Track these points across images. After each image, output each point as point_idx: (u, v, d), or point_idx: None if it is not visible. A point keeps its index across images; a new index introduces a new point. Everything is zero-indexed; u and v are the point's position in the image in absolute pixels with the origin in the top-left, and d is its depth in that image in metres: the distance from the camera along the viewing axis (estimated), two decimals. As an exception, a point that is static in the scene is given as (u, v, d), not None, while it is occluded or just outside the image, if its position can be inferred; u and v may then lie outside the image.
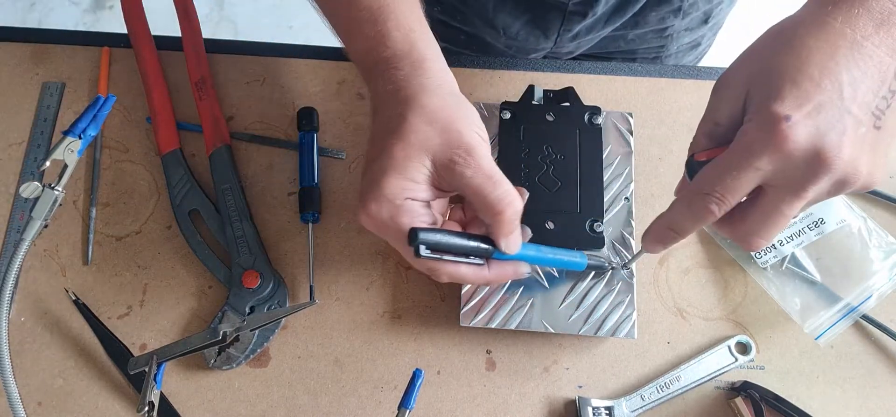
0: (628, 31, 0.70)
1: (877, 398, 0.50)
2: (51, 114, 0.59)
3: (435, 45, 0.44)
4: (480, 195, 0.40)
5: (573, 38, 0.67)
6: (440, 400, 0.51)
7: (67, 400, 0.50)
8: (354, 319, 0.53)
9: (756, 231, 0.38)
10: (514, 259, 0.43)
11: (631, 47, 0.73)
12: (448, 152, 0.40)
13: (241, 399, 0.51)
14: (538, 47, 0.69)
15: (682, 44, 0.74)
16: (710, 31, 0.75)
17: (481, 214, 0.41)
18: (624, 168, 0.54)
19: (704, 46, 0.78)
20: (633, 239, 0.52)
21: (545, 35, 0.66)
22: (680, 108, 0.59)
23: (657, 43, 0.73)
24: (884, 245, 0.52)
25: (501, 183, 0.40)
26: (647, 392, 0.50)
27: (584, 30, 0.66)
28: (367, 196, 0.40)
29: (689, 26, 0.71)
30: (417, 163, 0.40)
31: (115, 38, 0.62)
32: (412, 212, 0.40)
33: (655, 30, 0.70)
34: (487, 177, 0.40)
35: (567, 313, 0.49)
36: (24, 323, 0.52)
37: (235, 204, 0.54)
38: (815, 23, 0.36)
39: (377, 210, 0.40)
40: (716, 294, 0.53)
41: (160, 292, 0.53)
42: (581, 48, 0.72)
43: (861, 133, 0.34)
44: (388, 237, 0.42)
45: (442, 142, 0.40)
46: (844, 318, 0.51)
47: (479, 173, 0.40)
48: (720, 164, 0.37)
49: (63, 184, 0.51)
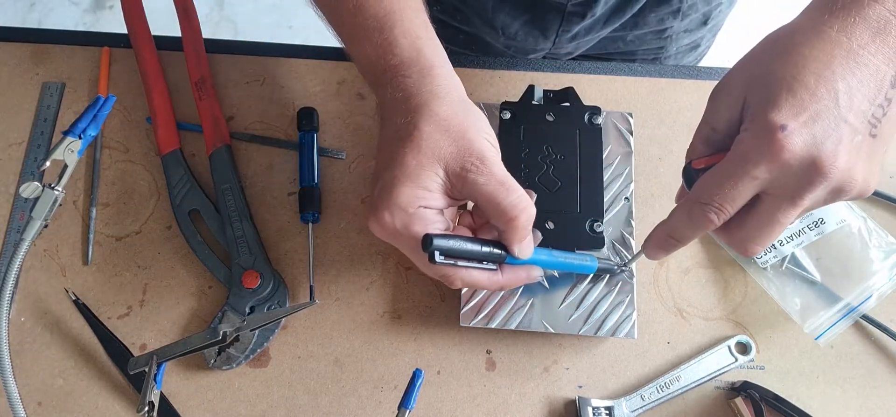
0: (628, 33, 0.70)
1: (877, 398, 0.50)
2: (51, 114, 0.59)
3: (442, 50, 0.44)
4: (493, 202, 0.40)
5: (572, 39, 0.67)
6: (440, 400, 0.51)
7: (67, 400, 0.50)
8: (354, 319, 0.53)
9: (753, 237, 0.38)
10: (527, 263, 0.43)
11: (630, 48, 0.73)
12: (461, 160, 0.40)
13: (241, 399, 0.51)
14: (537, 47, 0.69)
15: (681, 45, 0.74)
16: (709, 32, 0.75)
17: (494, 220, 0.41)
18: (624, 168, 0.54)
19: (704, 48, 0.78)
20: (633, 239, 0.52)
21: (544, 35, 0.66)
22: (680, 108, 0.59)
23: (656, 44, 0.73)
24: (884, 245, 0.52)
25: (514, 189, 0.40)
26: (647, 392, 0.50)
27: (583, 31, 0.66)
28: (380, 205, 0.40)
29: (689, 28, 0.71)
30: (430, 172, 0.40)
31: (115, 38, 0.62)
32: (425, 220, 0.40)
33: (654, 31, 0.70)
34: (500, 183, 0.40)
35: (567, 313, 0.49)
36: (24, 323, 0.52)
37: (235, 204, 0.54)
38: (811, 30, 0.36)
39: (390, 219, 0.40)
40: (716, 294, 0.53)
41: (160, 292, 0.53)
42: (580, 49, 0.72)
43: (857, 141, 0.35)
44: (400, 245, 0.42)
45: (455, 151, 0.40)
46: (844, 318, 0.51)
47: (491, 180, 0.40)
48: (718, 173, 0.37)
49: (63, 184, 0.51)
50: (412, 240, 0.40)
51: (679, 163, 0.56)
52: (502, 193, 0.40)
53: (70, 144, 0.51)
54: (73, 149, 0.51)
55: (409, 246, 0.41)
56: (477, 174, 0.40)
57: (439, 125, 0.40)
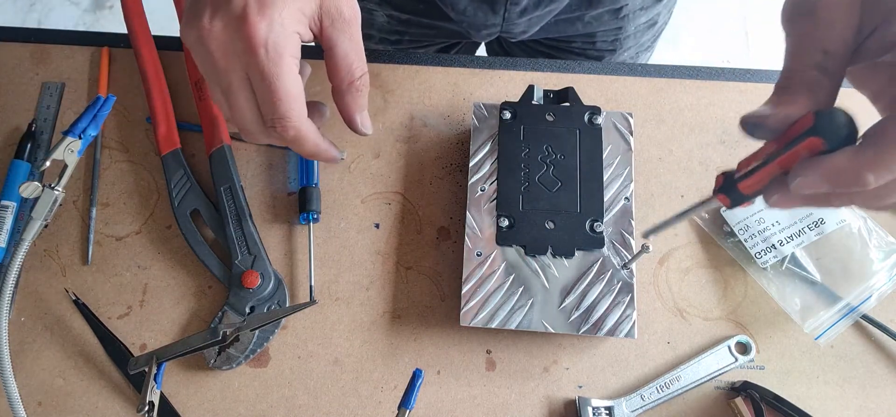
0: (584, 12, 0.70)
1: (877, 398, 0.50)
2: (51, 114, 0.59)
3: None
4: (350, 58, 0.41)
5: (522, 13, 0.67)
6: (440, 400, 0.51)
7: (67, 400, 0.50)
8: (354, 319, 0.53)
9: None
10: None
11: (589, 30, 0.73)
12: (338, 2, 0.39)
13: (241, 399, 0.51)
14: (488, 23, 0.69)
15: (639, 24, 0.74)
16: (664, 8, 0.75)
17: (338, 79, 0.42)
18: (624, 168, 0.54)
19: (661, 24, 0.78)
20: (633, 239, 0.52)
21: (492, 10, 0.66)
22: (680, 108, 0.59)
23: (614, 24, 0.73)
24: (884, 245, 0.52)
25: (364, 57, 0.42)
26: (647, 392, 0.50)
27: (532, 4, 0.66)
28: (251, 8, 0.37)
29: (644, 4, 0.72)
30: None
31: (115, 38, 0.62)
32: (296, 53, 0.39)
33: (610, 10, 0.70)
34: (360, 44, 0.40)
35: (567, 313, 0.49)
36: (24, 323, 0.52)
37: (235, 204, 0.54)
38: None
39: (265, 31, 0.37)
40: (716, 294, 0.53)
41: (160, 292, 0.53)
42: (534, 27, 0.71)
43: None
44: (248, 69, 0.38)
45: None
46: (844, 318, 0.51)
47: (357, 35, 0.40)
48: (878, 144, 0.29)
49: (63, 184, 0.51)
50: (275, 68, 0.37)
51: (679, 163, 0.57)
52: (360, 53, 0.40)
53: (70, 144, 0.51)
54: (73, 149, 0.51)
55: (268, 72, 0.38)
56: (351, 23, 0.39)
57: None
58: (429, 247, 0.54)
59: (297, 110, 0.39)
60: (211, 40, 0.38)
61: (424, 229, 0.55)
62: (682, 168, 0.57)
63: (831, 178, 0.30)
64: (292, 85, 0.39)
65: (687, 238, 0.55)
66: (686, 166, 0.57)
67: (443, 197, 0.56)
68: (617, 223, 0.52)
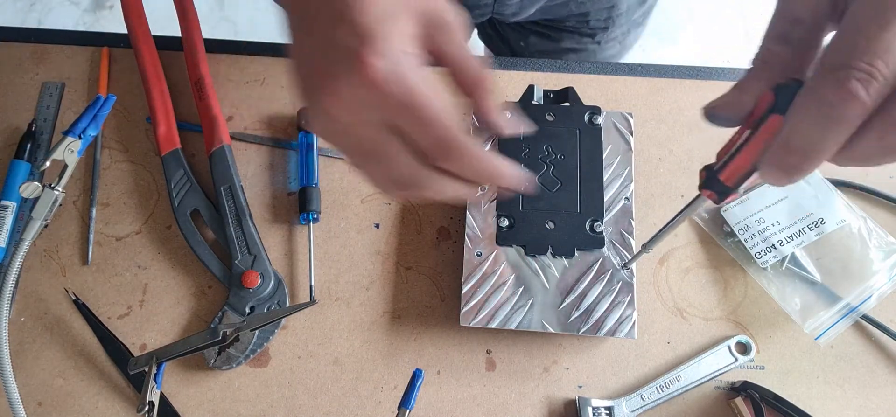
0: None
1: (877, 398, 0.50)
2: (51, 115, 0.59)
3: None
4: (468, 60, 0.34)
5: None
6: (440, 400, 0.51)
7: (67, 400, 0.50)
8: (354, 319, 0.53)
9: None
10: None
11: (582, 10, 0.73)
12: (439, 8, 0.32)
13: (241, 399, 0.51)
14: (480, 3, 0.68)
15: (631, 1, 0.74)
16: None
17: (464, 84, 0.35)
18: (624, 168, 0.54)
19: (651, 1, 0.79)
20: (633, 239, 0.52)
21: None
22: (680, 108, 0.59)
23: (607, 3, 0.73)
24: (884, 245, 0.52)
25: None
26: (647, 392, 0.50)
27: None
28: (367, 48, 0.28)
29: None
30: (408, 16, 0.31)
31: (115, 38, 0.62)
32: (423, 68, 0.31)
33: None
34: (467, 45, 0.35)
35: (567, 313, 0.49)
36: (24, 323, 0.52)
37: (235, 204, 0.54)
38: None
39: (389, 65, 0.29)
40: (716, 294, 0.53)
41: (160, 292, 0.53)
42: (527, 9, 0.71)
43: None
44: (395, 112, 0.30)
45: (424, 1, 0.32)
46: (844, 318, 0.51)
47: (465, 38, 0.34)
48: (851, 26, 0.25)
49: (63, 184, 0.51)
50: (422, 96, 0.29)
51: (679, 163, 0.57)
52: (473, 54, 0.34)
53: (70, 144, 0.51)
54: (73, 149, 0.51)
55: (421, 104, 0.30)
56: (460, 30, 0.33)
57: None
58: (429, 247, 0.54)
59: (459, 123, 0.32)
60: (340, 112, 0.30)
61: (424, 229, 0.55)
62: (682, 168, 0.57)
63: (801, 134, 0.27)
64: (439, 101, 0.31)
65: (687, 238, 0.55)
66: (686, 166, 0.57)
67: (443, 197, 0.56)
68: (617, 223, 0.52)
